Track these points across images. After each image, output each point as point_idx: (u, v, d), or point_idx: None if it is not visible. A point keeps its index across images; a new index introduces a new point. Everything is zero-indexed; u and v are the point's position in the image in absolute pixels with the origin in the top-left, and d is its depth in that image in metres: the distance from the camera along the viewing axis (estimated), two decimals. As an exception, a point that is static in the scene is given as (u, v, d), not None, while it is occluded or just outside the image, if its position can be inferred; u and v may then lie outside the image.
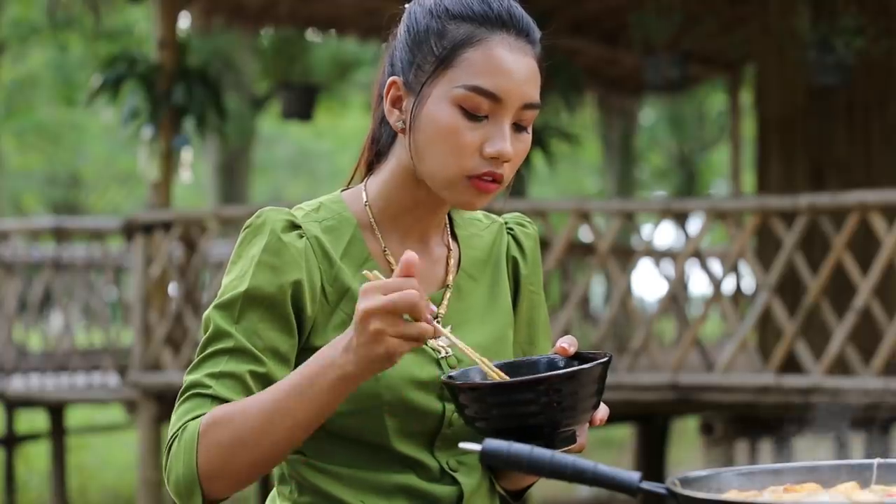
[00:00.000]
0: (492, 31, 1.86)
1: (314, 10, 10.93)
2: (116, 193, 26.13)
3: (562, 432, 1.78)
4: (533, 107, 1.87)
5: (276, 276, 1.87)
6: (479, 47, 1.85)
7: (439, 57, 1.86)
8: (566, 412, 1.76)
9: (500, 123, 1.85)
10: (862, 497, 1.66)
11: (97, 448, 14.71)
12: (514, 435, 1.75)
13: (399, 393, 1.89)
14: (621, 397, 7.45)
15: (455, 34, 1.86)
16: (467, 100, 1.84)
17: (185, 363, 8.23)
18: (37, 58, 18.62)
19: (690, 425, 13.69)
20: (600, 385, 1.79)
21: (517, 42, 1.87)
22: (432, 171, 1.87)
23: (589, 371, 1.76)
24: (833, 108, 9.06)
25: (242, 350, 1.85)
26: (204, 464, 1.80)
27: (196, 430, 1.80)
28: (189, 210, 9.14)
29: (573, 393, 1.75)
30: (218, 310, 1.87)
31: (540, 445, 1.73)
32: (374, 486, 1.91)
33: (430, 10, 1.89)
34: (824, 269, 7.07)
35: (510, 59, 1.85)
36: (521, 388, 1.74)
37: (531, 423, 1.75)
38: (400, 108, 1.90)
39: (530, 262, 2.07)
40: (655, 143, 20.85)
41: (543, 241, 7.59)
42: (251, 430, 1.78)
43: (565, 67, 9.26)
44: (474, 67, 1.84)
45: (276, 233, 1.88)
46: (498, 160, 1.85)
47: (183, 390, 1.86)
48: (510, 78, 1.84)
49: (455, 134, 1.84)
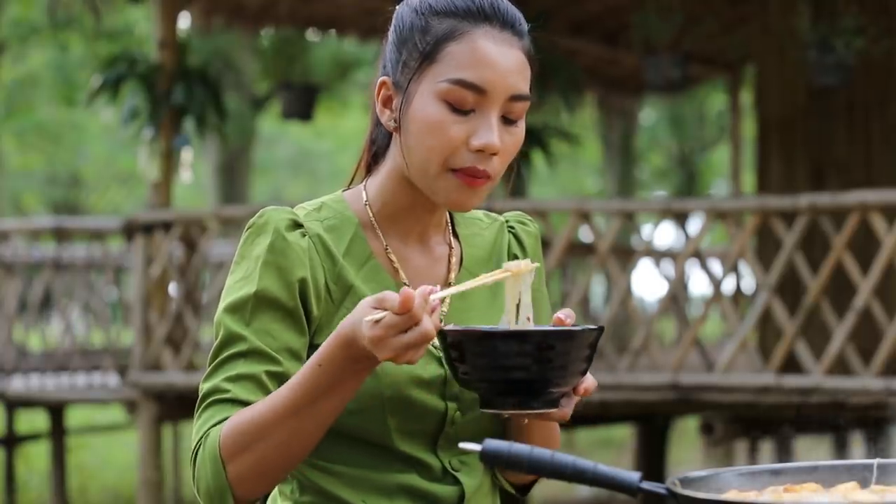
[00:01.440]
0: (475, 24, 1.85)
1: (314, 10, 10.93)
2: (116, 193, 26.12)
3: (549, 392, 1.79)
4: (521, 98, 1.86)
5: (283, 276, 1.87)
6: (461, 40, 1.85)
7: (423, 52, 1.86)
8: (555, 371, 1.77)
9: (487, 116, 1.84)
10: (862, 497, 1.66)
11: (97, 448, 14.70)
12: (497, 387, 1.77)
13: (401, 392, 1.89)
14: (621, 397, 7.45)
15: (438, 29, 1.86)
16: (451, 93, 1.83)
17: (185, 363, 8.23)
18: (37, 58, 18.61)
19: (690, 425, 13.68)
20: (591, 352, 1.81)
21: (502, 34, 1.86)
22: (420, 168, 1.87)
23: (583, 333, 1.78)
24: (833, 108, 9.05)
25: (257, 351, 1.85)
26: (231, 469, 1.80)
27: (217, 436, 1.81)
28: (189, 210, 9.14)
29: (565, 353, 1.77)
30: (228, 314, 1.87)
31: (522, 401, 1.77)
32: (376, 485, 1.91)
33: (415, 8, 1.90)
34: (824, 269, 7.07)
35: (494, 51, 1.84)
36: (513, 339, 1.75)
37: (517, 376, 1.76)
38: (390, 107, 1.90)
39: (532, 260, 2.06)
40: (655, 143, 20.85)
41: (544, 241, 7.58)
42: (275, 430, 1.79)
43: (565, 67, 9.26)
44: (457, 61, 1.84)
45: (280, 232, 1.88)
46: (485, 153, 1.84)
47: (201, 398, 1.86)
48: (494, 69, 1.84)
49: (441, 128, 1.84)
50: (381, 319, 1.70)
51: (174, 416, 9.13)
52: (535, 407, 1.79)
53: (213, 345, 1.89)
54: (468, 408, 1.93)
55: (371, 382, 1.86)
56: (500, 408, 1.80)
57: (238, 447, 1.80)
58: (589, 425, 11.33)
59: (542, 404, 1.80)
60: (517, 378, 1.77)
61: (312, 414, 1.78)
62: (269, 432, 1.79)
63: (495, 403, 1.80)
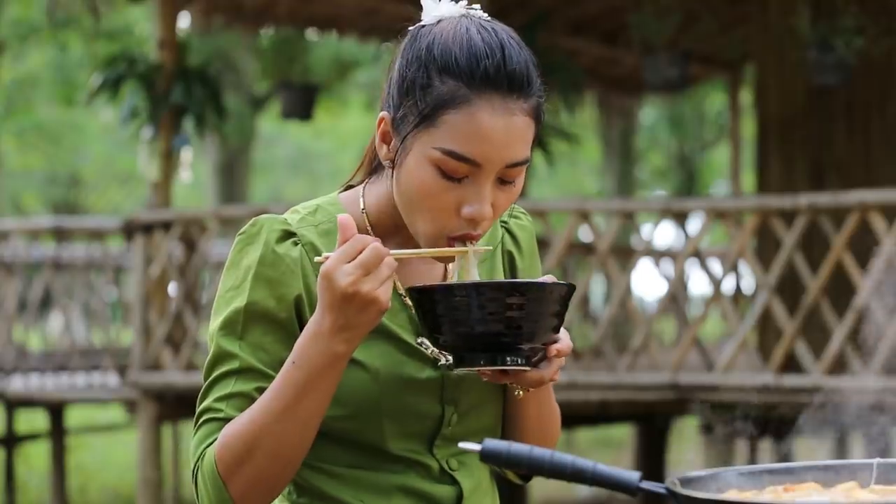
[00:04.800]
0: (477, 92, 1.78)
1: (314, 10, 10.93)
2: (116, 193, 26.12)
3: (518, 348, 1.78)
4: (519, 164, 1.83)
5: (275, 289, 1.86)
6: (460, 111, 1.79)
7: (421, 113, 1.81)
8: (524, 324, 1.76)
9: (479, 185, 1.81)
10: (862, 497, 1.66)
11: (97, 448, 14.71)
12: (467, 343, 1.77)
13: (397, 396, 1.88)
14: (621, 397, 7.46)
15: (439, 92, 1.80)
16: (444, 163, 1.80)
17: (185, 363, 8.24)
18: (36, 57, 18.61)
19: (690, 425, 13.69)
20: (561, 308, 1.80)
21: (504, 102, 1.79)
22: (412, 224, 1.86)
23: (553, 286, 1.77)
24: (833, 108, 9.06)
25: (249, 369, 1.85)
26: (231, 485, 1.81)
27: (213, 457, 1.81)
28: (189, 210, 9.14)
29: (534, 304, 1.75)
30: (220, 330, 1.87)
31: (492, 357, 1.76)
32: (373, 486, 1.91)
33: (420, 56, 1.83)
34: (824, 268, 7.07)
35: (492, 125, 1.79)
36: (480, 291, 1.75)
37: (482, 329, 1.75)
38: (388, 144, 1.87)
39: (526, 255, 2.05)
40: (655, 143, 20.84)
41: (543, 240, 7.59)
42: (263, 439, 1.79)
43: (565, 67, 9.25)
44: (453, 131, 1.79)
45: (271, 245, 1.88)
46: (475, 221, 1.83)
47: (196, 418, 1.87)
48: (491, 144, 1.79)
49: (431, 195, 1.81)
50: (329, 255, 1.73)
51: (174, 416, 9.14)
52: (507, 363, 1.78)
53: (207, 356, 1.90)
54: (466, 410, 1.93)
55: (367, 387, 1.86)
56: (471, 364, 1.79)
57: (233, 463, 1.80)
58: (588, 425, 11.34)
59: (514, 360, 1.79)
60: (484, 331, 1.76)
61: (296, 416, 1.78)
62: (257, 442, 1.79)
63: (466, 360, 1.79)
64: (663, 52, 9.15)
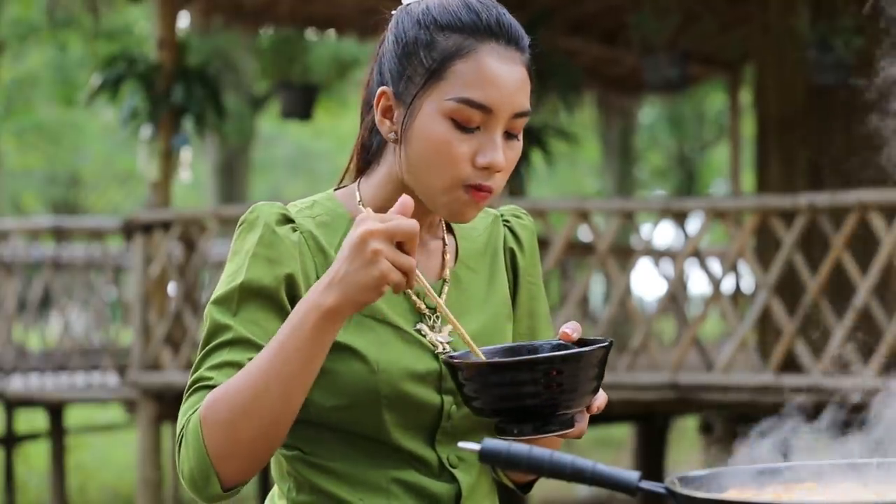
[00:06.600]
0: (481, 41, 1.86)
1: (314, 10, 10.93)
2: (116, 193, 26.12)
3: (560, 415, 1.79)
4: (524, 115, 1.88)
5: (272, 268, 1.87)
6: (468, 59, 1.85)
7: (429, 69, 1.86)
8: (566, 394, 1.77)
9: (492, 134, 1.86)
10: (862, 497, 1.66)
11: (97, 448, 14.70)
12: (511, 415, 1.77)
13: (397, 386, 1.88)
14: (621, 397, 7.45)
15: (444, 46, 1.86)
16: (459, 112, 1.84)
17: (184, 363, 8.24)
18: (36, 57, 18.60)
19: (690, 425, 13.69)
20: (600, 369, 1.80)
21: (506, 51, 1.87)
22: (427, 183, 1.87)
23: (590, 354, 1.77)
24: (832, 108, 9.05)
25: (242, 340, 1.85)
26: (212, 446, 1.78)
27: (198, 418, 1.80)
28: (188, 210, 9.14)
29: (573, 375, 1.76)
30: (216, 305, 1.87)
31: (537, 427, 1.76)
32: (373, 482, 1.91)
33: (419, 20, 1.89)
34: (823, 268, 7.07)
35: (500, 70, 1.85)
36: (521, 368, 1.75)
37: (529, 403, 1.76)
38: (391, 118, 1.90)
39: (528, 253, 2.08)
40: (654, 143, 20.84)
41: (543, 240, 7.59)
42: (247, 399, 1.77)
43: (564, 67, 9.25)
44: (465, 79, 1.84)
45: (270, 226, 1.89)
46: (490, 170, 1.86)
47: (187, 387, 1.86)
48: (501, 89, 1.85)
49: (448, 146, 1.85)
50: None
51: (173, 416, 9.08)
52: (552, 430, 1.79)
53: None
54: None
55: (366, 377, 1.86)
56: (517, 436, 1.79)
57: (214, 423, 1.78)
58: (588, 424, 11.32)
59: (558, 427, 1.80)
60: (528, 406, 1.76)
61: (279, 375, 1.75)
62: (237, 398, 1.77)
63: (510, 431, 1.80)
64: (663, 51, 9.15)
